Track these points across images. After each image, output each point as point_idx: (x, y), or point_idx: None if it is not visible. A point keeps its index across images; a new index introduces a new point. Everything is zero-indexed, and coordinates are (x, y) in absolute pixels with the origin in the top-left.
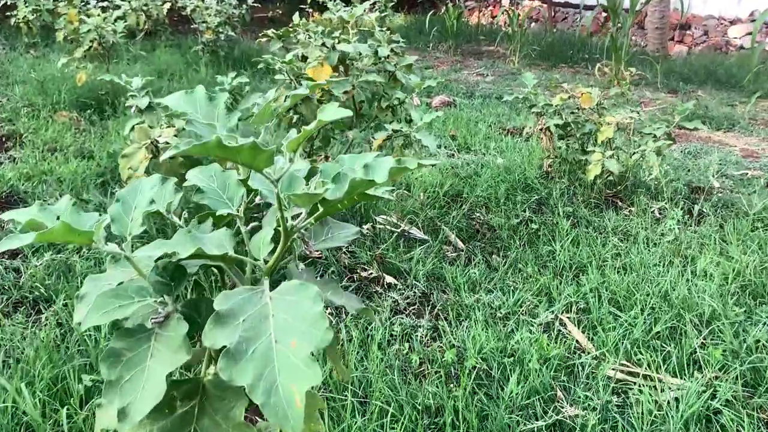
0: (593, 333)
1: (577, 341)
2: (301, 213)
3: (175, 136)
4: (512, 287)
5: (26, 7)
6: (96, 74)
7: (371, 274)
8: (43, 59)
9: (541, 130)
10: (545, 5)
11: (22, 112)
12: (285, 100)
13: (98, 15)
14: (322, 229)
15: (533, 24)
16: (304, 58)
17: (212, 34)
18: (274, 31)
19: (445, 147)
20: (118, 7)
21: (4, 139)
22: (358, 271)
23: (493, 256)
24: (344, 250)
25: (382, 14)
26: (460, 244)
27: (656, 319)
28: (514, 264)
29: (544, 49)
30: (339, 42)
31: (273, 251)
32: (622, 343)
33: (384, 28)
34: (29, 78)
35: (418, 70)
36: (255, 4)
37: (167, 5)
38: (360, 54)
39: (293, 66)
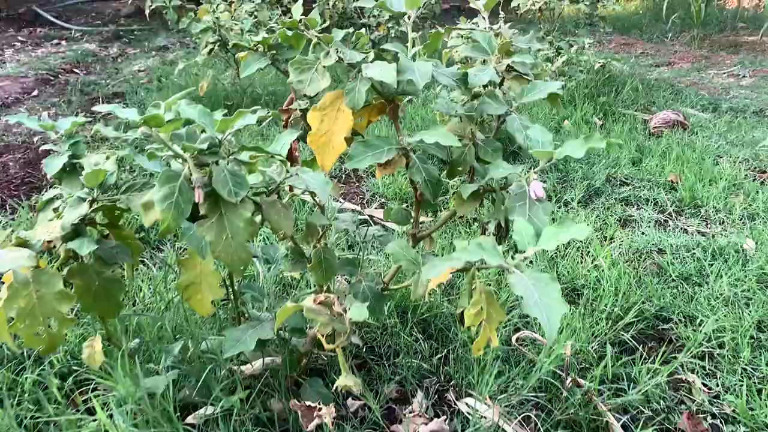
0: None
1: None
2: None
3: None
4: None
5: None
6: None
7: None
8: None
9: None
10: None
11: None
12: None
13: (222, 11)
14: None
15: None
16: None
17: (384, 29)
18: (258, 39)
19: (655, 202)
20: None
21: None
22: None
23: None
24: None
25: None
26: None
27: None
28: None
29: None
30: (375, 58)
31: None
32: None
33: (595, 17)
34: (180, 84)
35: (646, 68)
36: None
37: None
38: (409, 82)
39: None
